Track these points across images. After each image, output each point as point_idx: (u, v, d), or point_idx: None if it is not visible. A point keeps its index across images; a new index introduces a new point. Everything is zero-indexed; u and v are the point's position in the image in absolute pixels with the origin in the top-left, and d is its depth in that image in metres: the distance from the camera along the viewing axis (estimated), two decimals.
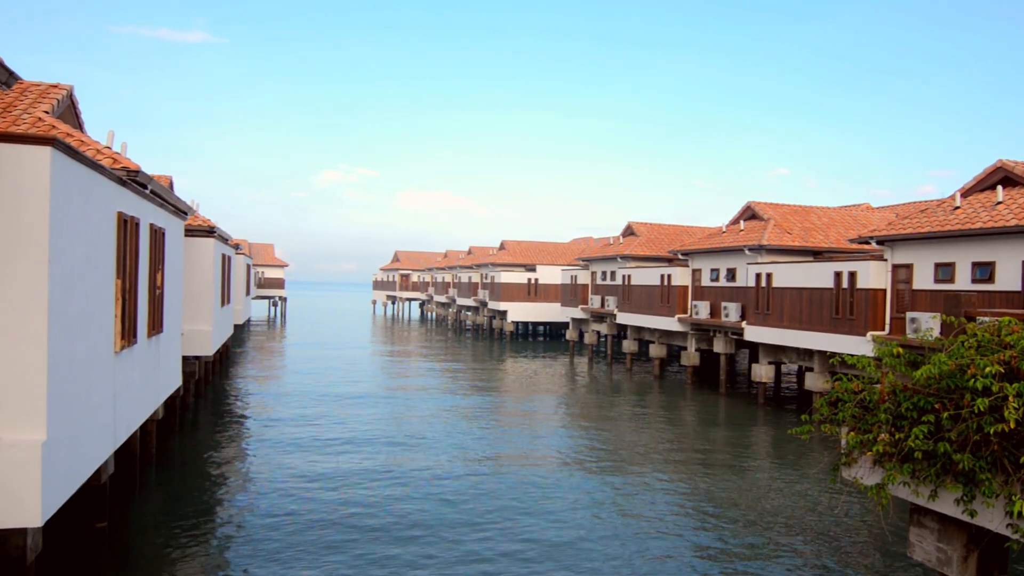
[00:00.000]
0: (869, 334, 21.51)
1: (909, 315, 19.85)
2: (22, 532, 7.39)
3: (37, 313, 7.24)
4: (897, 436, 6.98)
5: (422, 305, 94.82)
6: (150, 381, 13.30)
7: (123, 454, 13.16)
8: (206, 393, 26.11)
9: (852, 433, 7.56)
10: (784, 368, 35.79)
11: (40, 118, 12.87)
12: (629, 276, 37.86)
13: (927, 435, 6.74)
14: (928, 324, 18.76)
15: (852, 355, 8.76)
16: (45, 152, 7.31)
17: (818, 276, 24.26)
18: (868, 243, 22.23)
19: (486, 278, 60.88)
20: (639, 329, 38.38)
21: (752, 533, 12.91)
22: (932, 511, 7.26)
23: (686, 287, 33.28)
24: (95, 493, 10.74)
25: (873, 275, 21.88)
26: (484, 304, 61.11)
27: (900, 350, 8.00)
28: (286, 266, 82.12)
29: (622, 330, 41.20)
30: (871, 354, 9.13)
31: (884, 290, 21.74)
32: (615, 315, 39.58)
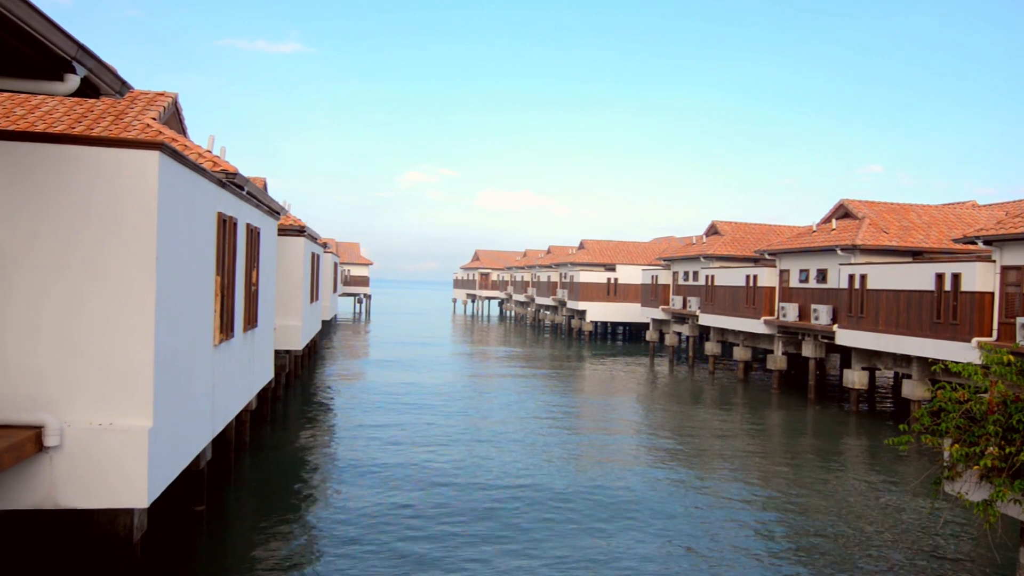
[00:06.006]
0: (975, 340, 20.19)
1: (1020, 320, 18.52)
2: (129, 512, 7.89)
3: (145, 308, 7.70)
4: (1008, 450, 6.53)
5: (501, 304, 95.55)
6: (245, 373, 13.93)
7: (219, 442, 13.84)
8: (296, 385, 27.17)
9: (956, 445, 7.13)
10: (878, 375, 34.09)
11: (148, 124, 13.73)
12: (712, 276, 36.93)
13: None
14: None
15: (957, 362, 8.25)
16: (153, 156, 7.76)
17: (918, 278, 22.96)
18: (974, 243, 20.87)
19: (565, 277, 60.75)
20: (722, 331, 37.39)
21: (843, 549, 12.35)
22: None
23: (773, 288, 32.17)
24: (194, 478, 11.35)
25: (980, 277, 20.53)
26: (563, 303, 60.99)
27: (1011, 358, 7.48)
28: (371, 264, 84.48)
29: (704, 332, 40.26)
30: (977, 361, 8.57)
31: (992, 293, 20.36)
32: (697, 316, 38.70)
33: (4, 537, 8.79)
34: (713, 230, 42.49)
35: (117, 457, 7.54)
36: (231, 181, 11.95)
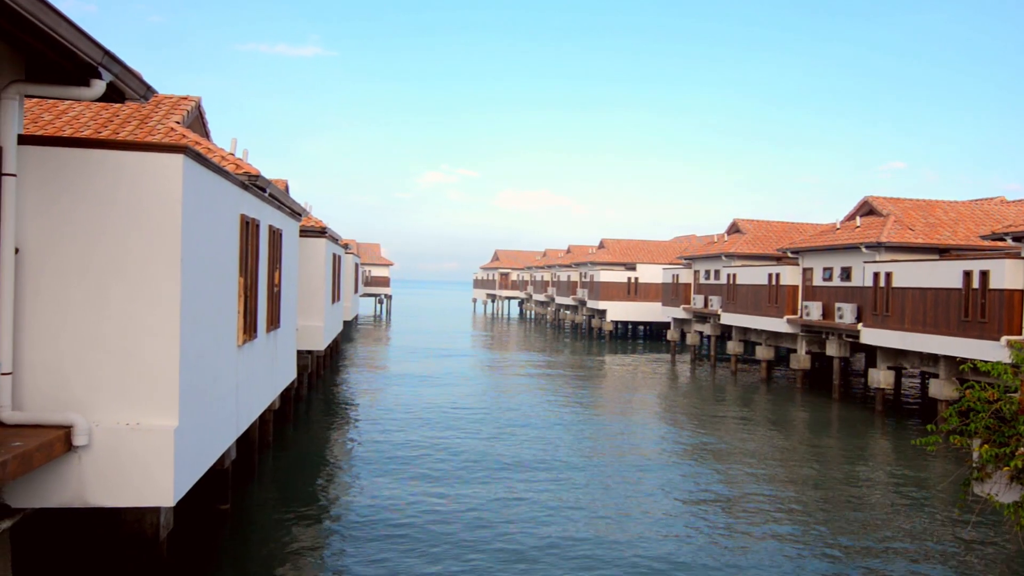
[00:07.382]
0: (1004, 339, 19.82)
1: None
2: (156, 511, 8.00)
3: (170, 309, 7.79)
4: None
5: (521, 303, 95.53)
6: (268, 373, 14.06)
7: (244, 441, 13.98)
8: (318, 385, 27.38)
9: (986, 446, 7.00)
10: (904, 374, 33.59)
11: (172, 128, 13.91)
12: (734, 275, 36.63)
13: None
14: None
15: (986, 361, 8.10)
16: (177, 159, 7.85)
17: (945, 275, 22.59)
18: (1003, 240, 20.49)
19: (585, 277, 60.60)
20: (744, 330, 37.07)
21: (869, 552, 12.19)
22: None
23: (796, 287, 31.83)
24: (219, 477, 11.48)
25: (1008, 274, 20.14)
26: (583, 303, 60.84)
27: None
28: (391, 265, 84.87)
29: (726, 331, 39.94)
30: (1007, 360, 8.41)
31: (1021, 291, 19.97)
32: (719, 315, 38.41)
33: (35, 535, 8.96)
34: (735, 228, 42.15)
35: (144, 456, 7.63)
36: (254, 183, 12.07)
